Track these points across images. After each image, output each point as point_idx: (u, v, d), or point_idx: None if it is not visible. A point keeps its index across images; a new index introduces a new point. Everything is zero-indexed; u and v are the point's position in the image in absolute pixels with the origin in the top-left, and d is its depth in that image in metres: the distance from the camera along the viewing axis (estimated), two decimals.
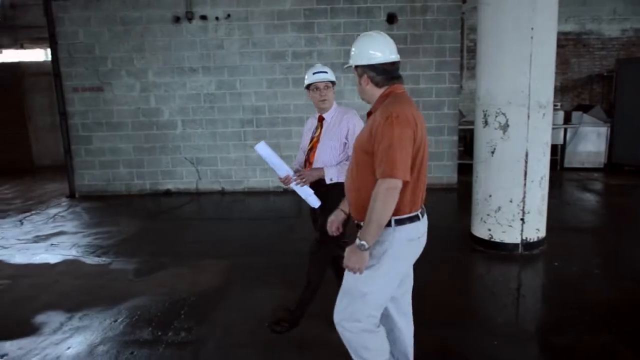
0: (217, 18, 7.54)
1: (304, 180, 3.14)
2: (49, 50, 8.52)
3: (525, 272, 4.47)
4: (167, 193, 8.03)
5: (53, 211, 7.13)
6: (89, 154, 8.00)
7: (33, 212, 7.13)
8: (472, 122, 6.34)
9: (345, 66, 2.50)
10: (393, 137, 2.05)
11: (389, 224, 2.16)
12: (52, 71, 7.85)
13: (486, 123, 4.70)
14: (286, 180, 3.19)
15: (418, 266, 2.47)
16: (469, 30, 10.24)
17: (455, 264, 4.64)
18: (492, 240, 4.83)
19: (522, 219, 4.69)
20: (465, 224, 5.35)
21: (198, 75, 7.73)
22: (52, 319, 3.70)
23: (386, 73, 2.29)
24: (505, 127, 4.58)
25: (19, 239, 5.78)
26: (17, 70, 11.06)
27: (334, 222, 2.74)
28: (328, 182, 3.16)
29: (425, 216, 2.37)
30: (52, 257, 5.12)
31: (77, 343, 3.34)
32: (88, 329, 3.52)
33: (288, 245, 5.29)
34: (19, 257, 5.14)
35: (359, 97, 2.47)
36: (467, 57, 10.37)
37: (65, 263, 4.93)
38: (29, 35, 10.86)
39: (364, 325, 2.26)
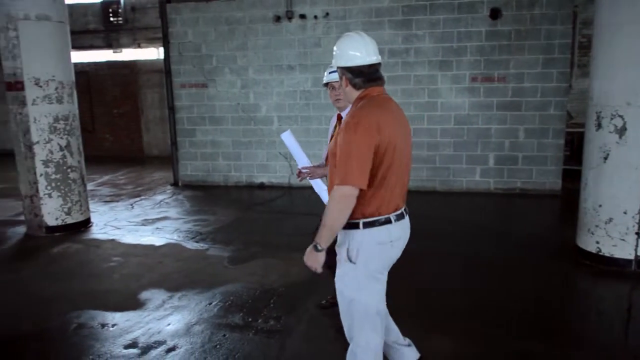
0: (315, 17, 7.69)
1: (308, 174, 3.15)
2: (161, 49, 9.24)
3: (639, 292, 4.03)
4: (261, 186, 8.36)
5: (159, 197, 7.73)
6: (192, 146, 8.56)
7: (142, 197, 7.78)
8: (581, 125, 5.86)
9: (330, 66, 2.47)
10: (351, 144, 2.04)
11: (357, 227, 2.15)
12: (164, 68, 8.51)
13: (599, 126, 4.31)
14: (298, 173, 3.20)
15: (516, 277, 2.33)
16: (582, 25, 9.43)
17: (557, 277, 4.31)
18: (601, 254, 4.41)
19: (637, 233, 4.24)
20: (569, 234, 4.96)
21: (295, 73, 7.94)
22: (155, 296, 4.01)
23: (363, 75, 2.21)
24: (621, 131, 4.16)
25: (129, 221, 6.34)
26: (134, 68, 12.15)
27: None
28: None
29: (405, 220, 2.29)
30: (157, 239, 5.55)
31: (176, 321, 3.59)
32: (186, 309, 3.76)
33: None
34: (129, 238, 5.63)
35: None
36: (578, 54, 9.56)
37: (168, 246, 5.32)
38: (145, 35, 11.85)
39: (361, 324, 2.23)
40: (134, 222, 6.32)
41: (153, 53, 12.14)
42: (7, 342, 3.35)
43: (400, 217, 2.22)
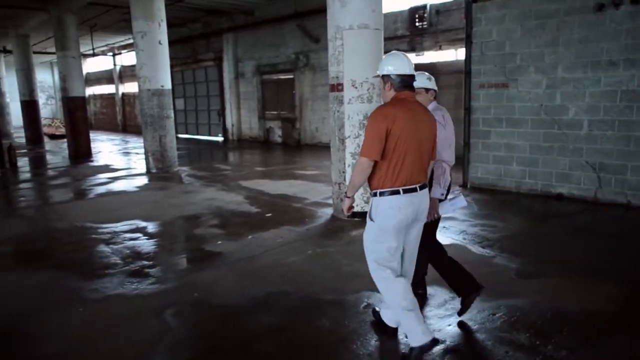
0: None
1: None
2: (459, 51, 9.25)
3: None
4: (559, 197, 7.48)
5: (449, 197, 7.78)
6: (485, 148, 8.31)
7: None
8: None
9: (373, 76, 3.56)
10: (369, 128, 2.88)
11: (376, 195, 2.96)
12: (464, 69, 8.50)
13: None
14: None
15: None
16: None
17: None
18: None
19: None
20: None
21: (618, 70, 6.75)
22: (438, 293, 4.06)
23: (403, 82, 2.99)
24: None
25: None
26: (434, 69, 12.55)
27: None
28: None
29: (417, 193, 2.96)
30: (443, 238, 5.50)
31: (457, 323, 3.53)
32: (467, 314, 3.65)
33: None
34: None
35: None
36: None
37: (453, 246, 5.28)
38: (447, 37, 12.11)
39: (374, 266, 3.14)
40: None
41: (451, 55, 12.30)
42: (311, 304, 3.94)
43: (410, 191, 2.92)
